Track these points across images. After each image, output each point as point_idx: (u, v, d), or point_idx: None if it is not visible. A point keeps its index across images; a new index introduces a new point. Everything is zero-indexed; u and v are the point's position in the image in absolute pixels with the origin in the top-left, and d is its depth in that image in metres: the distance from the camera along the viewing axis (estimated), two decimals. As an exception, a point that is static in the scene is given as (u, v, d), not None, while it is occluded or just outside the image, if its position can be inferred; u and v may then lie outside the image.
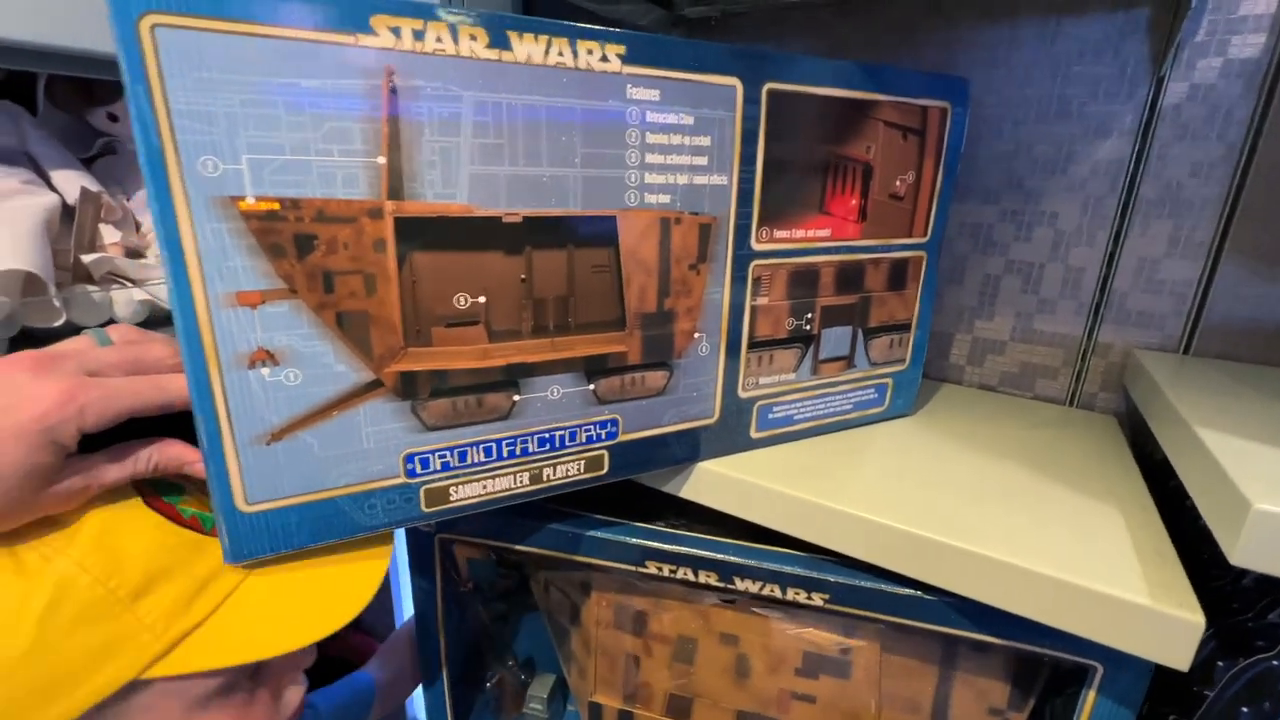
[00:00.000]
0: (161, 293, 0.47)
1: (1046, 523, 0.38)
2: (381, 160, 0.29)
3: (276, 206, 0.28)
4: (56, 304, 0.42)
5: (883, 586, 0.41)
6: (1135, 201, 0.53)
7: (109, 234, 0.48)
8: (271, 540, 0.31)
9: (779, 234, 0.42)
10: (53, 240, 0.43)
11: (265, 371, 0.29)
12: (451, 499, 0.35)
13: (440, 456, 0.34)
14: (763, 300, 0.43)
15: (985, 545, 0.35)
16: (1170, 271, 0.53)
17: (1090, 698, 0.38)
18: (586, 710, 0.57)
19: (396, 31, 0.28)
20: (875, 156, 0.45)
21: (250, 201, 0.27)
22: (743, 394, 0.45)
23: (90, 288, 0.45)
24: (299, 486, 0.31)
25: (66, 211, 0.46)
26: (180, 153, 0.25)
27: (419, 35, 0.28)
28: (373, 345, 0.31)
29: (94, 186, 0.47)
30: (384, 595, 0.77)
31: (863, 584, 0.42)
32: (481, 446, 0.35)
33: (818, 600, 0.44)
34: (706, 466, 0.44)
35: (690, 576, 0.47)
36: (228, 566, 0.32)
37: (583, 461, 0.39)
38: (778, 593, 0.45)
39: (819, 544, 0.41)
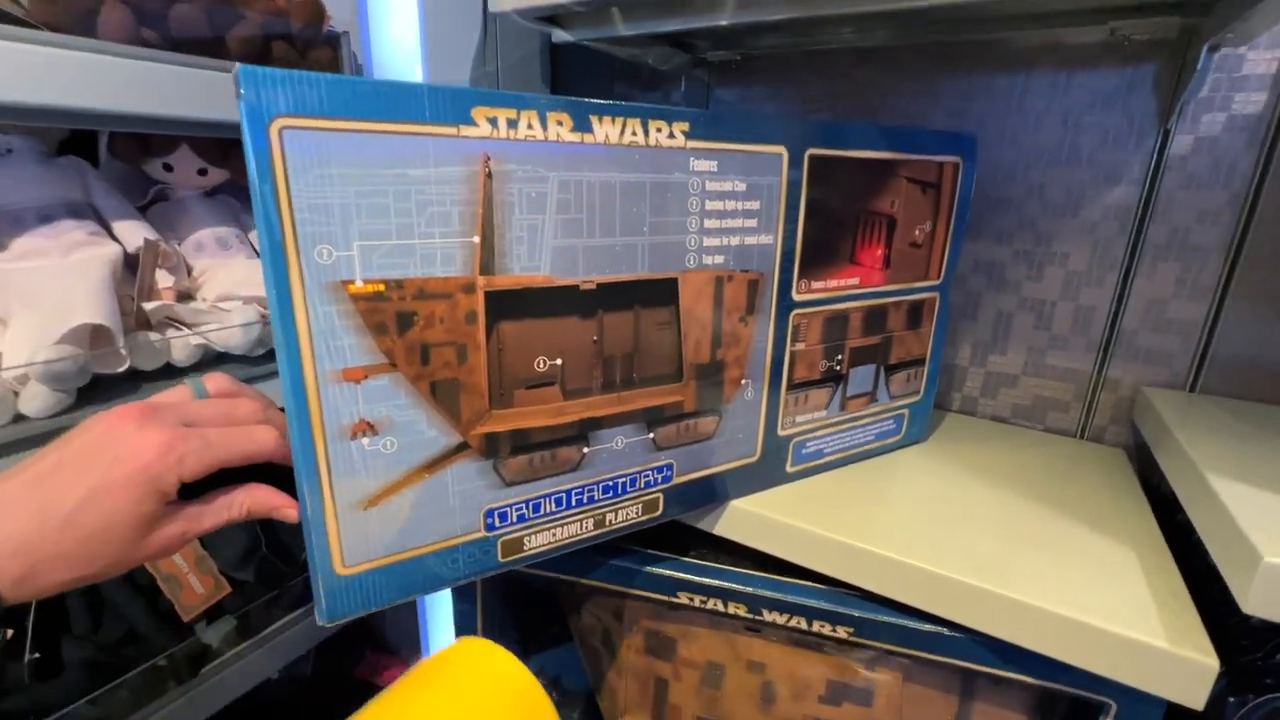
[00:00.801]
0: (216, 336, 0.49)
1: (1067, 563, 0.40)
2: (476, 239, 0.31)
3: (382, 288, 0.30)
4: (123, 352, 0.44)
5: (906, 623, 0.43)
6: (1143, 245, 0.55)
7: (163, 278, 0.51)
8: (364, 600, 0.33)
9: (815, 285, 0.45)
10: (115, 288, 0.46)
11: (365, 441, 0.31)
12: (525, 548, 0.38)
13: (517, 510, 0.36)
14: (800, 346, 0.46)
15: (1011, 587, 0.38)
16: (1177, 312, 0.55)
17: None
18: (616, 731, 0.59)
19: (494, 121, 0.30)
20: (899, 210, 0.48)
21: (359, 285, 0.29)
22: (781, 432, 0.48)
23: (151, 335, 0.47)
24: (390, 547, 0.33)
25: (126, 259, 0.48)
26: (299, 243, 0.27)
27: (513, 124, 0.31)
28: (461, 410, 0.33)
29: (152, 235, 0.49)
30: (409, 615, 0.79)
31: (886, 619, 0.44)
32: (553, 497, 0.38)
33: (842, 633, 0.46)
34: (740, 505, 0.47)
35: (720, 608, 0.49)
36: None
37: (641, 505, 0.42)
38: (803, 624, 0.47)
39: (849, 582, 0.43)
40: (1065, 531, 0.44)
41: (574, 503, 0.38)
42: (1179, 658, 0.33)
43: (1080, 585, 0.38)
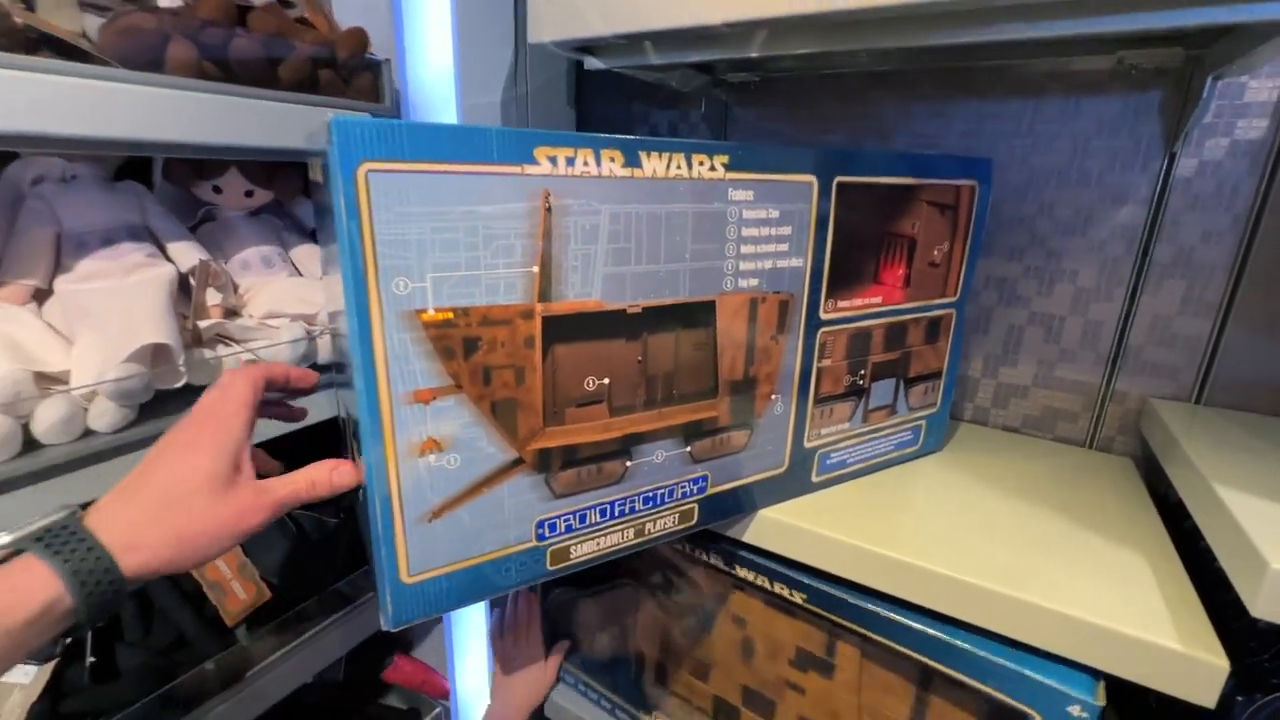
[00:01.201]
0: (265, 352, 0.51)
1: (1082, 569, 0.42)
2: (535, 269, 0.33)
3: (451, 315, 0.32)
4: (182, 369, 0.46)
5: (863, 603, 0.47)
6: (1150, 263, 0.58)
7: (211, 296, 0.53)
8: (425, 606, 0.35)
9: (842, 304, 0.48)
10: (174, 307, 0.48)
11: (432, 458, 0.33)
12: (571, 557, 0.40)
13: (565, 520, 0.39)
14: (826, 362, 0.48)
15: (1030, 592, 0.40)
16: (1183, 327, 0.57)
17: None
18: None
19: (554, 160, 0.33)
20: (919, 231, 0.50)
21: (431, 313, 0.31)
22: (808, 444, 0.50)
23: (205, 351, 0.49)
24: (450, 556, 0.35)
25: (180, 279, 0.50)
26: (380, 275, 0.30)
27: (570, 161, 0.33)
28: (518, 428, 0.35)
29: (205, 256, 0.51)
30: (434, 620, 0.81)
31: (839, 593, 0.48)
32: (598, 509, 0.40)
33: (798, 598, 0.50)
34: (769, 515, 0.49)
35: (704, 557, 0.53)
36: None
37: (678, 515, 0.44)
38: (766, 583, 0.51)
39: (874, 586, 0.46)
40: (1078, 539, 0.46)
41: (617, 513, 0.41)
42: (1192, 658, 0.35)
43: (1095, 590, 0.40)
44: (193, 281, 0.51)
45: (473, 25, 0.61)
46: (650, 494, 0.42)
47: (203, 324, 0.49)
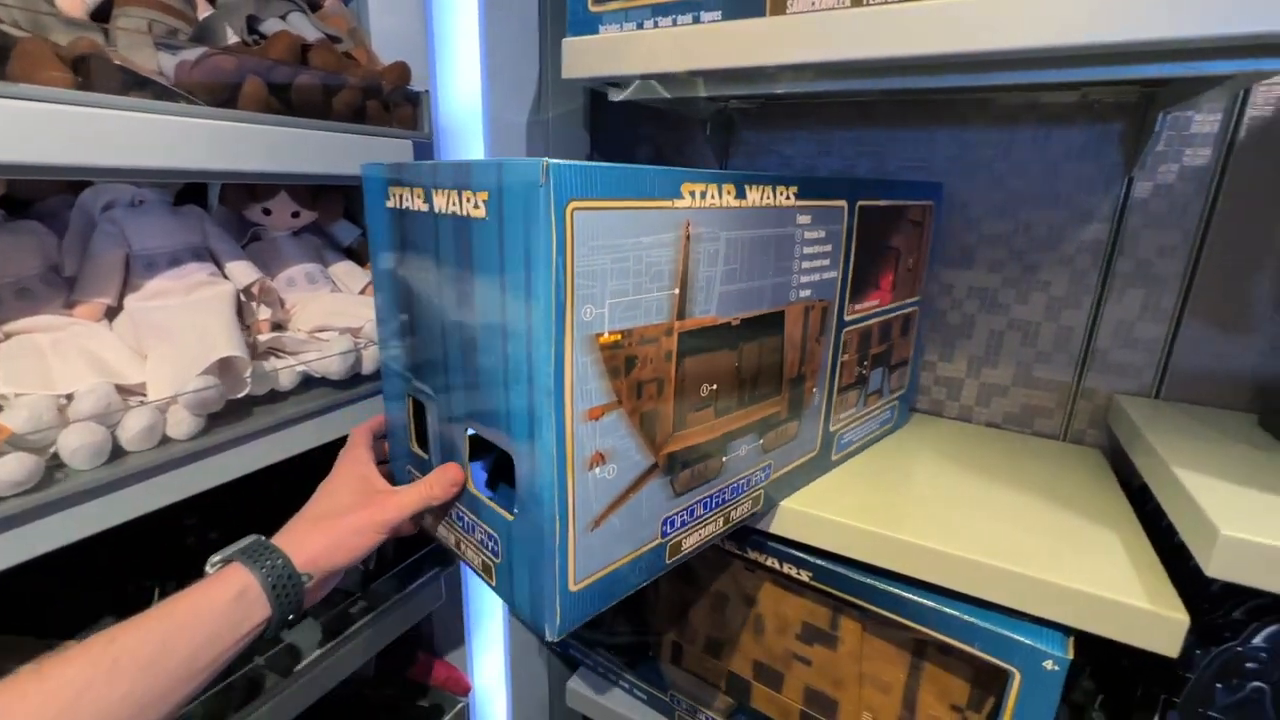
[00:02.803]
0: (317, 364, 0.55)
1: (1062, 544, 0.49)
2: (676, 290, 0.38)
3: (619, 337, 0.35)
4: (247, 380, 0.49)
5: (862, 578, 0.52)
6: (1113, 274, 0.65)
7: (261, 312, 0.56)
8: (581, 611, 0.38)
9: (858, 307, 0.55)
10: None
11: (598, 470, 0.36)
12: (682, 549, 0.44)
13: (680, 516, 0.43)
14: (845, 357, 0.56)
15: (1018, 564, 0.46)
16: (1143, 331, 0.65)
17: (1013, 696, 0.47)
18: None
19: (694, 194, 0.38)
20: (902, 243, 0.58)
21: (605, 336, 0.35)
22: (831, 428, 0.57)
23: (263, 364, 0.52)
24: (602, 561, 0.39)
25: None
26: (575, 304, 0.33)
27: (704, 195, 0.38)
28: (656, 435, 0.39)
29: (259, 274, 0.54)
30: (454, 616, 0.84)
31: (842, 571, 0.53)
32: (702, 502, 0.45)
33: (804, 576, 0.56)
34: (788, 506, 0.54)
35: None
36: None
37: (751, 500, 0.50)
38: (775, 564, 0.57)
39: (876, 564, 0.51)
40: (1055, 518, 0.53)
41: (714, 505, 0.46)
42: (1156, 614, 0.41)
43: (1071, 560, 0.46)
44: (247, 298, 0.54)
45: (500, 56, 0.66)
46: (736, 484, 0.47)
47: (262, 338, 0.52)
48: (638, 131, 0.86)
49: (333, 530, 0.41)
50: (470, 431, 0.41)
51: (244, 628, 0.36)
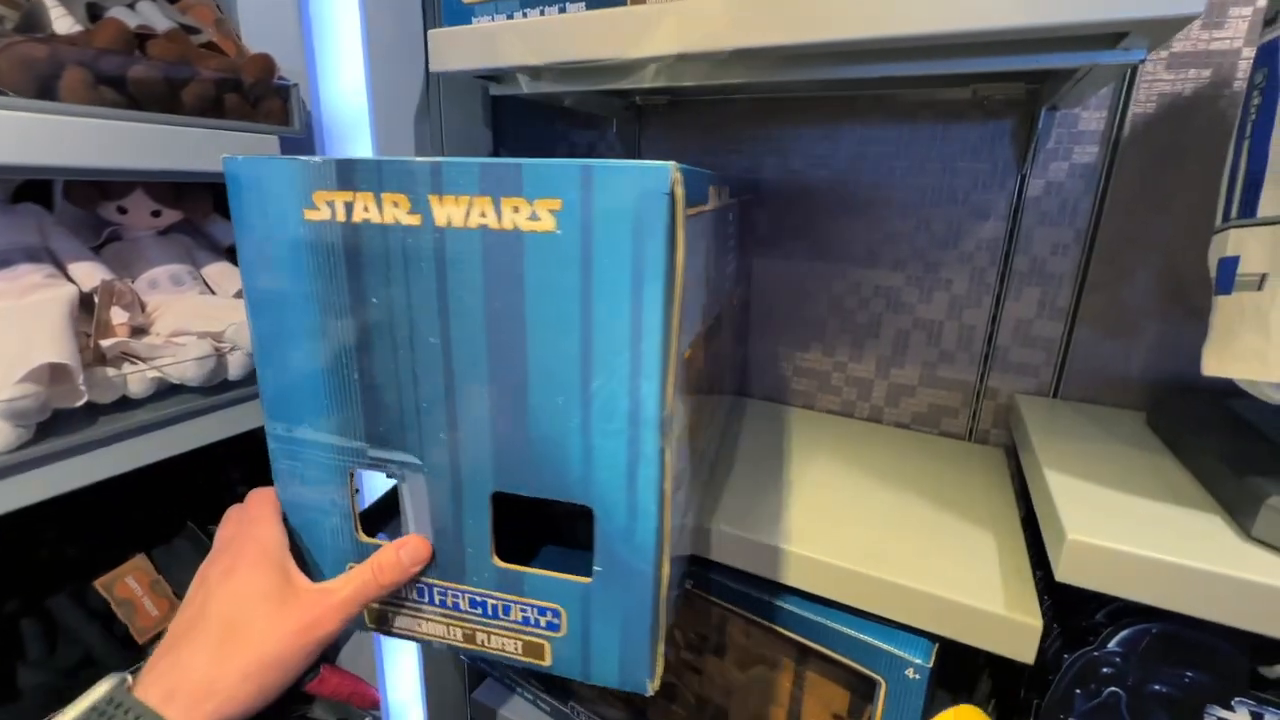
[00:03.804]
0: (171, 370, 0.52)
1: (938, 549, 0.47)
2: (705, 299, 0.39)
3: (689, 354, 0.34)
4: (81, 388, 0.46)
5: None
6: (1010, 272, 0.64)
7: (117, 315, 0.53)
8: None
9: None
10: (73, 327, 0.48)
11: (679, 494, 0.36)
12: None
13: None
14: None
15: (888, 571, 0.44)
16: (1040, 330, 0.64)
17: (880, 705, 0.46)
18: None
19: (715, 196, 0.39)
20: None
21: (688, 352, 0.34)
22: None
23: (108, 370, 0.49)
24: (678, 575, 0.38)
25: (82, 299, 0.51)
26: (680, 326, 0.30)
27: (718, 196, 0.39)
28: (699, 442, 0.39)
29: (108, 275, 0.52)
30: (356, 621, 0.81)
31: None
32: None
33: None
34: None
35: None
36: None
37: None
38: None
39: (766, 576, 0.50)
40: (938, 522, 0.52)
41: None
42: (1011, 620, 0.40)
43: (940, 566, 0.45)
44: (99, 301, 0.51)
45: (383, 48, 0.64)
46: None
47: (105, 343, 0.49)
48: (553, 129, 0.84)
49: (246, 662, 0.29)
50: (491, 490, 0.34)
51: None
